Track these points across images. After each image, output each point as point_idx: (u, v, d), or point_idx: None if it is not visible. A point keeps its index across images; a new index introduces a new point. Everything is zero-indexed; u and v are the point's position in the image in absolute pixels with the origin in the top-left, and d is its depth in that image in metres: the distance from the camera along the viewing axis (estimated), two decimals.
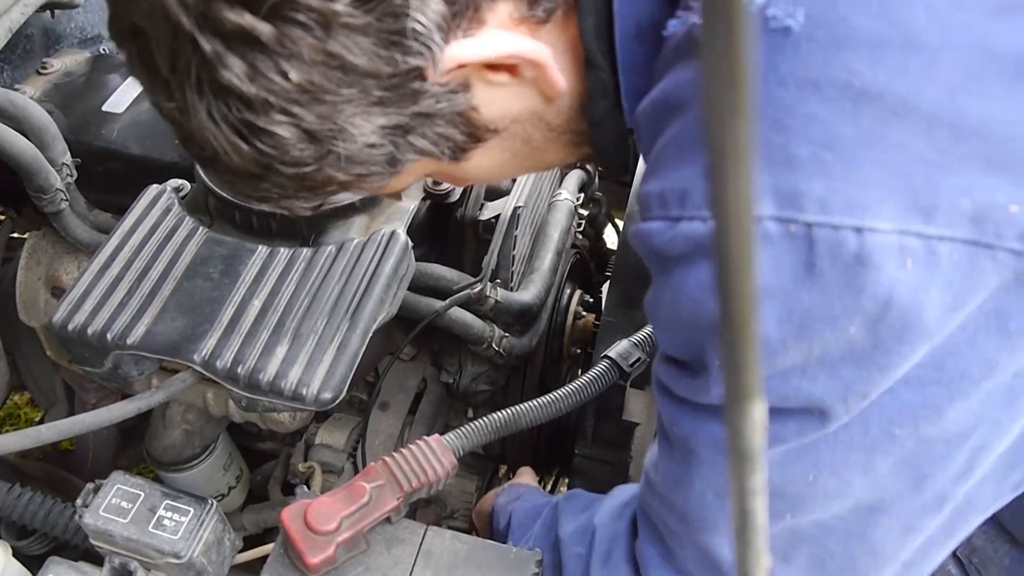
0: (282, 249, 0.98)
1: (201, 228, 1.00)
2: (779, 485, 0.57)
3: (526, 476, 1.13)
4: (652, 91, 0.58)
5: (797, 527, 0.60)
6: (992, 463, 0.59)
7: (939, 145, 0.47)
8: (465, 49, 0.54)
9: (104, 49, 1.42)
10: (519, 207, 1.11)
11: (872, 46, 0.47)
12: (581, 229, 1.40)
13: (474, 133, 0.61)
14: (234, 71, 0.50)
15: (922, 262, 0.47)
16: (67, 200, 1.08)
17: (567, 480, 1.52)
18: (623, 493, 0.84)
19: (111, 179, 1.17)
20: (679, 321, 0.56)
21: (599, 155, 0.72)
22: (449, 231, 1.16)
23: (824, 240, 0.47)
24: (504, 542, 0.91)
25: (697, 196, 0.51)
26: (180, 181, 1.05)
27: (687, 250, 0.52)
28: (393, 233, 0.98)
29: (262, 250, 0.98)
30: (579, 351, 1.36)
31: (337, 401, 0.88)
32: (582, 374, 1.06)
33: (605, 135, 0.67)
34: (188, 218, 1.01)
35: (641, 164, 0.91)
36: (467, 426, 0.96)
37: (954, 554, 1.11)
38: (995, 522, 1.07)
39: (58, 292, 1.19)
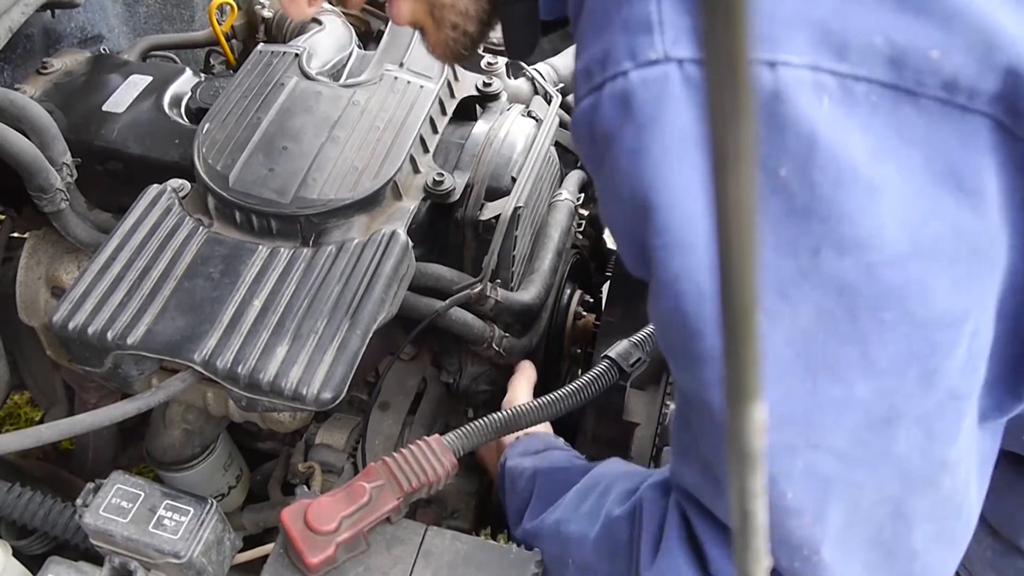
0: (282, 249, 0.98)
1: (201, 228, 1.00)
2: (783, 401, 0.53)
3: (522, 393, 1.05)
4: None
5: (818, 467, 0.56)
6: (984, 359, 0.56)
7: None
8: None
9: (104, 49, 1.42)
10: (519, 207, 1.11)
11: None
12: (581, 229, 1.40)
13: None
14: None
15: (839, 101, 0.46)
16: (67, 200, 1.08)
17: None
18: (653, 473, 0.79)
19: (111, 179, 1.17)
20: (619, 208, 0.53)
21: (504, 31, 0.73)
22: (449, 231, 1.16)
23: None
24: (517, 507, 0.90)
25: (617, 51, 0.50)
26: (180, 181, 1.05)
27: (615, 118, 0.50)
28: (393, 233, 0.98)
29: (262, 250, 0.98)
30: (579, 351, 1.36)
31: (337, 401, 0.88)
32: (582, 374, 1.06)
33: (514, 16, 0.70)
34: (188, 218, 1.01)
35: None
36: (467, 426, 0.96)
37: None
38: (979, 517, 1.08)
39: (58, 292, 1.19)
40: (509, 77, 1.36)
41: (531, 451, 0.97)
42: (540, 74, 1.39)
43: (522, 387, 1.10)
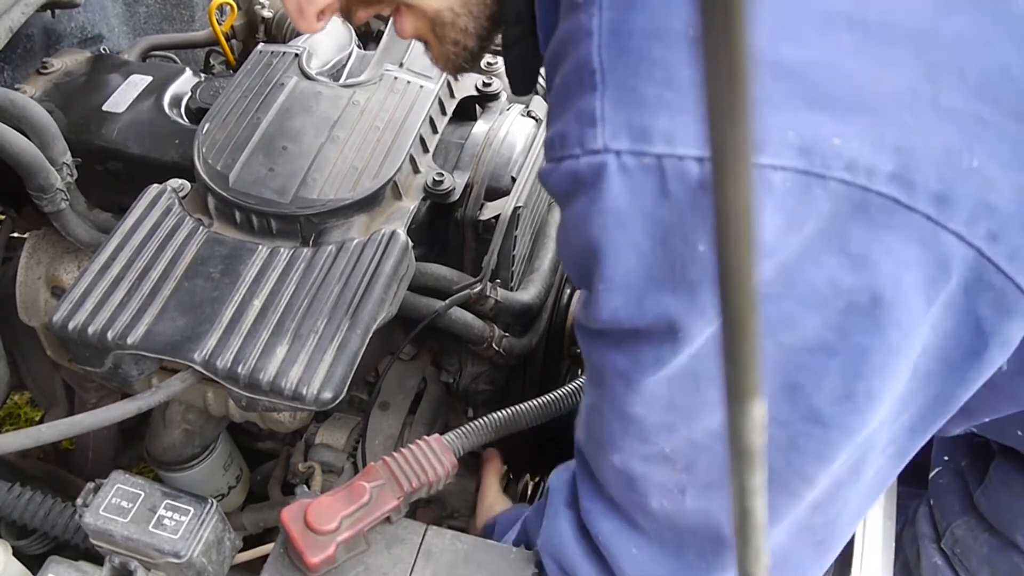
0: (282, 249, 0.98)
1: (201, 228, 1.00)
2: (668, 397, 0.62)
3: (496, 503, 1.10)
4: (552, 38, 0.66)
5: (693, 437, 0.65)
6: (889, 423, 0.62)
7: (762, 85, 0.52)
8: None
9: (104, 49, 1.42)
10: (519, 207, 1.11)
11: None
12: None
13: None
14: None
15: (757, 188, 0.52)
16: (67, 200, 1.08)
17: None
18: None
19: (111, 179, 1.17)
20: (571, 249, 0.63)
21: (507, 72, 0.84)
22: (449, 231, 1.16)
23: (672, 169, 0.54)
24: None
25: (571, 137, 0.58)
26: (180, 181, 1.05)
27: (568, 186, 0.59)
28: (393, 233, 0.98)
29: (262, 250, 0.98)
30: (579, 351, 1.36)
31: (337, 401, 0.88)
32: (582, 374, 1.06)
33: (514, 58, 0.80)
34: (188, 218, 1.01)
35: None
36: (467, 426, 0.96)
37: (938, 545, 1.13)
38: (975, 513, 1.08)
39: (58, 292, 1.19)
40: None
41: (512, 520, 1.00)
42: (540, 74, 1.39)
43: (492, 482, 1.12)
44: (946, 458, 1.15)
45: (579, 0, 0.59)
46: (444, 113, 1.18)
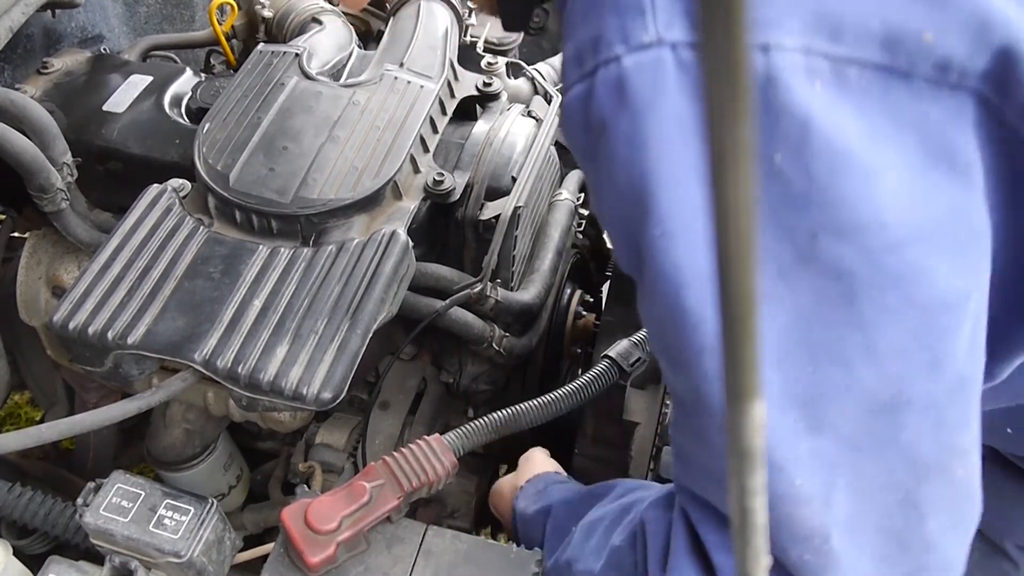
0: (282, 249, 0.98)
1: (202, 228, 1.00)
2: (785, 384, 0.53)
3: (538, 459, 1.03)
4: None
5: (824, 451, 0.55)
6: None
7: None
8: None
9: (104, 49, 1.42)
10: (519, 207, 1.11)
11: None
12: (581, 229, 1.40)
13: None
14: None
15: (831, 84, 0.46)
16: (67, 200, 1.08)
17: None
18: (645, 488, 0.80)
19: (111, 179, 1.17)
20: (616, 192, 0.52)
21: (499, 4, 0.75)
22: (449, 231, 1.16)
23: None
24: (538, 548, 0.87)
25: (608, 35, 0.48)
26: (180, 181, 1.05)
27: (610, 107, 0.49)
28: (393, 233, 0.98)
29: (262, 250, 0.98)
30: (579, 351, 1.36)
31: (337, 401, 0.88)
32: (582, 374, 1.06)
33: None
34: (189, 218, 1.01)
35: None
36: (467, 426, 0.96)
37: None
38: None
39: (58, 292, 1.19)
40: (509, 77, 1.36)
41: (533, 494, 0.95)
42: (540, 74, 1.39)
43: (539, 454, 1.07)
44: None
45: None
46: (444, 113, 1.18)
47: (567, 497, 0.90)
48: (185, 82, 1.25)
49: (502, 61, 1.34)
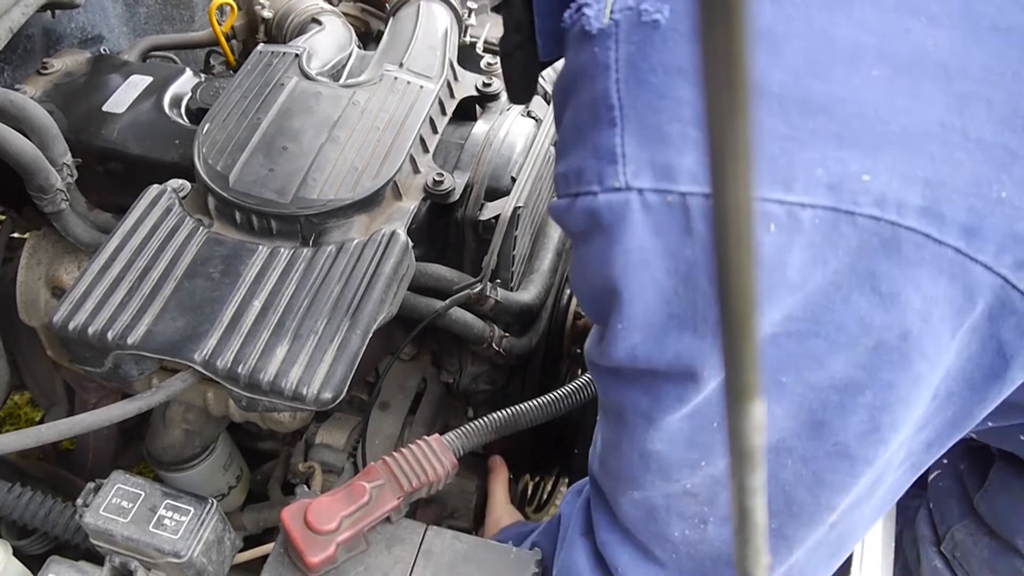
0: (282, 249, 0.98)
1: (201, 228, 1.00)
2: (689, 434, 0.62)
3: (499, 511, 1.12)
4: (560, 69, 0.64)
5: (715, 473, 0.64)
6: (908, 441, 0.62)
7: (791, 122, 0.52)
8: None
9: (104, 49, 1.42)
10: (519, 207, 1.11)
11: None
12: None
13: None
14: None
15: (784, 226, 0.52)
16: (67, 200, 1.08)
17: (567, 480, 1.52)
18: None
19: (111, 179, 1.17)
20: (588, 287, 0.61)
21: (505, 80, 0.84)
22: (449, 231, 1.16)
23: (697, 206, 0.53)
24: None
25: (588, 173, 0.56)
26: (180, 181, 1.06)
27: (586, 224, 0.57)
28: (393, 233, 0.98)
29: (262, 250, 0.98)
30: (579, 351, 1.36)
31: (337, 401, 0.88)
32: (582, 374, 1.06)
33: (513, 66, 0.79)
34: (188, 218, 1.01)
35: None
36: (467, 426, 0.96)
37: (938, 549, 1.13)
38: (975, 516, 1.09)
39: (58, 292, 1.19)
40: None
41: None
42: (539, 80, 1.39)
43: (499, 493, 1.14)
44: (945, 461, 1.15)
45: (591, 31, 0.57)
46: (444, 113, 1.18)
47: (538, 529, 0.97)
48: (185, 82, 1.25)
49: None
